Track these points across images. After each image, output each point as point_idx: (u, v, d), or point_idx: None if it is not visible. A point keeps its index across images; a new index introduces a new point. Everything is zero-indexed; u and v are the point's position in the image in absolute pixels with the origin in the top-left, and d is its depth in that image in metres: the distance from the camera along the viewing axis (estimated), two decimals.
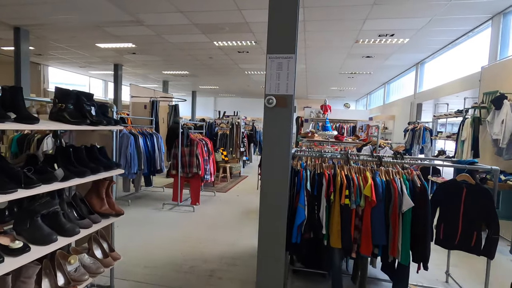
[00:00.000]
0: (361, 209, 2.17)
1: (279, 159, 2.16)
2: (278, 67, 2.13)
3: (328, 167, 2.39)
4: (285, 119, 2.13)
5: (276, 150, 2.16)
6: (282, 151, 2.15)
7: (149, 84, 14.00)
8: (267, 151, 2.18)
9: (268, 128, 2.17)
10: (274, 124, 2.15)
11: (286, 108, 2.13)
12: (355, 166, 2.38)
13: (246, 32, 6.41)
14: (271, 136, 2.17)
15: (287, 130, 2.13)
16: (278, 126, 2.15)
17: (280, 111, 2.14)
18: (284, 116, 2.13)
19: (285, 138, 2.14)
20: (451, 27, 5.76)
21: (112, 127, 1.90)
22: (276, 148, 2.16)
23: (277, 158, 2.16)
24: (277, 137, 2.15)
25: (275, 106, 2.14)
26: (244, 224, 4.23)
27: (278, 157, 2.16)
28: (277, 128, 2.15)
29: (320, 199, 2.23)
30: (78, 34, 7.04)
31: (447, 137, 5.61)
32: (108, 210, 1.89)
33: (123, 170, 2.01)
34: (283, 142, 2.14)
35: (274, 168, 2.17)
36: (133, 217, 4.33)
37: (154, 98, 7.87)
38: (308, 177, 2.27)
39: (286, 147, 2.14)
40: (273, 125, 2.15)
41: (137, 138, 4.99)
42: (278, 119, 2.14)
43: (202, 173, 4.96)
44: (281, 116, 2.14)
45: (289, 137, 2.14)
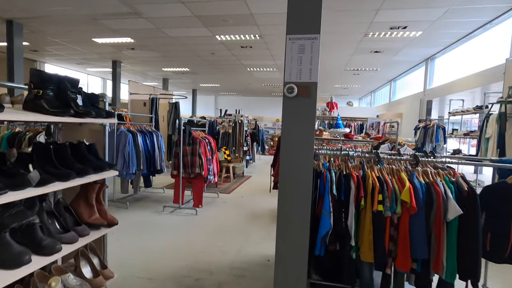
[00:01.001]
0: (397, 217, 1.85)
1: (300, 159, 1.84)
2: (299, 50, 1.81)
3: (356, 168, 2.07)
4: (308, 112, 1.81)
5: (297, 148, 1.84)
6: (304, 150, 1.83)
7: (148, 82, 13.67)
8: (285, 149, 1.86)
9: (287, 122, 1.85)
10: (295, 117, 1.83)
11: (310, 99, 1.81)
12: (386, 166, 2.06)
13: (251, 25, 6.09)
14: (291, 132, 1.85)
15: (310, 125, 1.81)
16: (299, 119, 1.83)
17: (302, 102, 1.82)
18: (307, 108, 1.81)
19: (307, 134, 1.82)
20: (467, 18, 5.43)
21: (104, 120, 1.58)
22: (296, 146, 1.84)
23: (298, 158, 1.84)
24: (298, 133, 1.83)
25: (296, 96, 1.81)
26: (250, 229, 3.91)
27: (299, 156, 1.84)
28: (299, 122, 1.83)
29: (348, 205, 1.91)
30: (75, 28, 6.71)
31: (464, 135, 5.29)
32: (98, 219, 1.57)
33: (117, 172, 1.69)
34: (305, 138, 1.82)
35: (294, 169, 1.85)
36: (131, 221, 4.01)
37: (153, 96, 7.55)
38: (333, 179, 1.95)
39: (309, 145, 1.82)
40: (294, 119, 1.83)
41: (136, 136, 4.67)
42: (300, 112, 1.82)
43: (205, 174, 4.64)
44: (303, 108, 1.82)
45: (312, 133, 1.83)
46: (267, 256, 3.11)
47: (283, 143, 1.87)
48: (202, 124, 7.93)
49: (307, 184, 1.85)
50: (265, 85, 13.96)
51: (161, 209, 4.54)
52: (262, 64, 9.68)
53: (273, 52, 8.20)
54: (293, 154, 1.85)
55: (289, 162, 1.86)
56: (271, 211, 4.75)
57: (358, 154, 2.16)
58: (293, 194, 1.88)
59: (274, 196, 5.83)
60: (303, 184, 1.85)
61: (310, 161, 1.83)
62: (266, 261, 2.98)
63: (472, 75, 6.16)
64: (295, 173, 1.86)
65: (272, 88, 15.00)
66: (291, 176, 1.87)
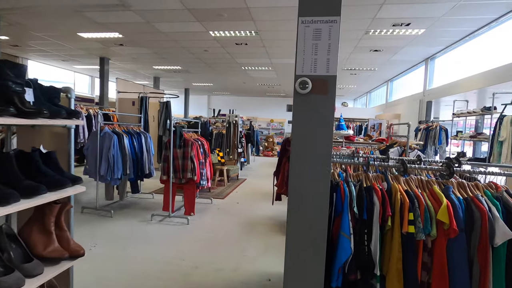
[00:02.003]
0: (432, 240, 1.53)
1: (315, 169, 1.50)
2: (314, 35, 1.47)
3: (377, 179, 1.75)
4: (325, 112, 1.48)
5: (311, 156, 1.50)
6: (320, 158, 1.49)
7: (139, 80, 13.19)
8: (297, 156, 1.52)
9: (299, 125, 1.51)
10: (309, 118, 1.49)
11: (327, 96, 1.47)
12: (414, 177, 1.74)
13: (247, 20, 5.74)
14: (303, 136, 1.51)
15: (328, 128, 1.48)
16: (314, 121, 1.49)
17: (318, 100, 1.48)
18: (324, 108, 1.48)
19: (324, 139, 1.48)
20: (474, 15, 5.19)
21: (64, 121, 1.21)
22: (311, 153, 1.50)
23: (313, 167, 1.50)
24: (312, 137, 1.50)
25: (311, 93, 1.48)
26: (248, 240, 3.56)
27: (314, 166, 1.50)
28: (313, 124, 1.49)
29: (372, 226, 1.58)
30: (58, 21, 6.25)
31: (471, 138, 5.03)
32: (57, 251, 1.20)
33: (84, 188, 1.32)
34: (321, 144, 1.49)
35: (307, 181, 1.52)
36: (115, 233, 3.61)
37: (143, 94, 7.14)
38: (353, 193, 1.61)
39: (326, 152, 1.49)
40: (307, 120, 1.49)
41: (122, 138, 4.27)
42: (315, 112, 1.49)
43: (197, 179, 4.27)
44: (319, 107, 1.48)
45: (330, 138, 1.49)
46: (267, 274, 2.77)
47: (294, 150, 1.53)
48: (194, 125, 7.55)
49: (323, 200, 1.51)
50: (260, 84, 13.62)
51: (149, 218, 4.16)
52: (257, 62, 9.34)
53: (269, 50, 7.87)
54: (306, 163, 1.51)
55: (301, 173, 1.53)
56: (269, 219, 4.41)
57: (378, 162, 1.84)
58: (305, 212, 1.54)
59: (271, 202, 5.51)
60: (318, 200, 1.52)
61: (327, 171, 1.50)
62: (266, 281, 2.64)
63: (477, 75, 5.94)
64: (308, 186, 1.52)
65: (266, 88, 14.67)
66: (304, 189, 1.53)
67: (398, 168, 1.81)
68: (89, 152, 4.22)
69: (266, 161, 12.19)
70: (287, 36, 6.58)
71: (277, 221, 4.34)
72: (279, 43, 7.15)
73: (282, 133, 17.58)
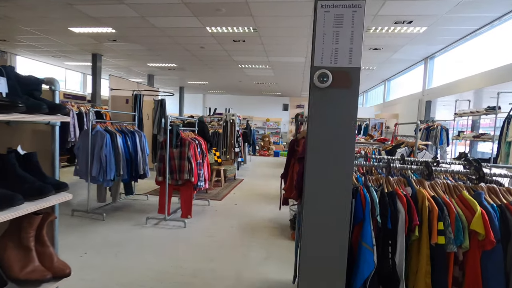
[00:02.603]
0: (463, 252, 1.37)
1: (336, 172, 1.33)
2: (336, 22, 1.30)
3: (400, 183, 1.59)
4: (347, 108, 1.31)
5: (331, 157, 1.33)
6: (342, 160, 1.32)
7: (133, 78, 12.89)
8: (314, 158, 1.35)
9: (316, 123, 1.34)
10: (329, 115, 1.32)
11: (349, 90, 1.30)
12: (440, 181, 1.58)
13: (245, 15, 5.55)
14: (322, 135, 1.34)
15: (351, 126, 1.31)
16: (335, 118, 1.32)
17: (339, 95, 1.31)
18: (346, 103, 1.31)
19: (347, 138, 1.32)
20: (478, 13, 5.09)
21: (45, 117, 1.02)
22: (330, 154, 1.33)
23: (333, 170, 1.33)
24: (333, 136, 1.33)
25: (331, 87, 1.31)
26: (248, 245, 3.39)
27: (334, 169, 1.33)
28: (334, 121, 1.32)
29: (397, 236, 1.42)
30: (47, 14, 5.98)
31: (474, 138, 4.93)
32: (38, 272, 1.01)
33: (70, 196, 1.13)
34: (343, 144, 1.32)
35: (326, 186, 1.35)
36: (107, 238, 3.40)
37: (137, 92, 6.91)
38: (374, 200, 1.45)
39: (348, 153, 1.32)
40: (327, 117, 1.32)
41: (115, 136, 4.05)
42: (336, 107, 1.32)
43: (195, 180, 4.08)
44: (340, 103, 1.31)
45: (352, 137, 1.32)
46: (271, 282, 2.60)
47: (310, 151, 1.36)
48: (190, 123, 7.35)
49: (344, 207, 1.35)
50: (256, 83, 13.44)
51: (144, 221, 3.95)
52: (255, 60, 9.16)
53: (267, 48, 7.69)
54: (325, 166, 1.34)
55: (319, 177, 1.36)
56: (269, 221, 4.24)
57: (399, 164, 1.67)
58: (324, 222, 1.37)
59: (271, 203, 5.35)
60: (339, 208, 1.35)
61: (348, 176, 1.33)
62: None
63: (479, 75, 5.85)
64: (327, 192, 1.35)
65: (263, 87, 14.50)
66: (322, 195, 1.36)
67: (421, 172, 1.65)
68: (80, 151, 3.99)
69: (263, 160, 12.03)
70: (286, 33, 6.42)
71: (277, 223, 4.17)
72: (277, 40, 6.98)
73: (278, 132, 17.44)
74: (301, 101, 17.39)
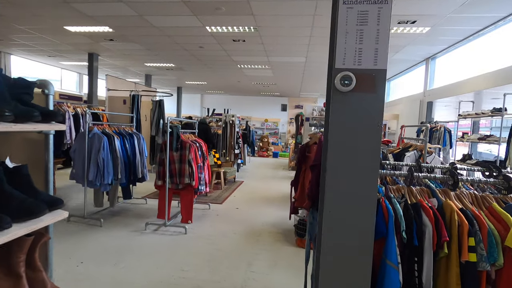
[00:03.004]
0: (496, 270, 1.26)
1: (358, 183, 1.22)
2: (360, 19, 1.18)
3: (423, 193, 1.47)
4: (372, 114, 1.19)
5: (353, 167, 1.22)
6: (366, 170, 1.21)
7: (130, 78, 12.71)
8: (333, 167, 1.24)
9: (338, 129, 1.22)
10: (351, 121, 1.21)
11: (375, 95, 1.19)
12: (466, 192, 1.47)
13: (246, 14, 5.43)
14: (343, 144, 1.22)
15: (376, 133, 1.19)
16: (358, 125, 1.21)
17: (363, 100, 1.20)
18: (371, 109, 1.19)
19: (371, 146, 1.20)
20: (483, 13, 5.01)
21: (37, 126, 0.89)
22: (352, 164, 1.22)
23: (355, 181, 1.22)
24: (356, 145, 1.21)
25: (354, 91, 1.19)
26: (253, 252, 3.27)
27: (356, 179, 1.22)
28: (357, 128, 1.21)
29: (423, 253, 1.30)
30: (42, 13, 5.82)
31: (479, 140, 4.85)
32: None
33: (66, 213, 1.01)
34: (367, 153, 1.20)
35: (347, 197, 1.23)
36: (105, 246, 3.26)
37: (135, 92, 6.77)
38: (398, 213, 1.34)
39: (373, 163, 1.20)
40: (349, 124, 1.21)
41: (113, 139, 3.91)
42: (359, 114, 1.20)
43: (196, 184, 3.95)
44: (364, 109, 1.20)
45: (378, 146, 1.21)
46: None
47: (330, 161, 1.24)
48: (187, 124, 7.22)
49: (368, 222, 1.23)
50: (255, 83, 13.32)
51: (143, 227, 3.82)
52: (254, 60, 9.03)
53: (267, 48, 7.58)
54: (347, 176, 1.23)
55: (340, 188, 1.24)
56: (273, 226, 4.13)
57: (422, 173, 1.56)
58: (344, 238, 1.25)
59: (272, 206, 5.23)
60: (362, 223, 1.23)
61: (373, 188, 1.22)
62: None
63: (482, 76, 5.78)
64: (348, 205, 1.24)
65: (261, 87, 14.38)
66: (342, 208, 1.24)
67: (444, 181, 1.54)
68: (76, 155, 3.85)
69: (262, 161, 11.91)
70: (287, 32, 6.31)
71: (280, 228, 4.06)
72: (278, 40, 6.87)
73: (277, 132, 17.34)
74: (300, 101, 17.29)
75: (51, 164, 1.07)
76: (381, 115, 1.20)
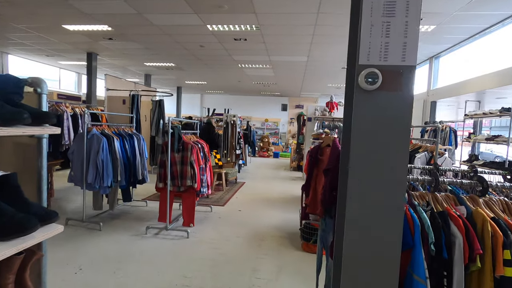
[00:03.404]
0: None
1: (384, 190, 1.11)
2: (386, 10, 1.07)
3: (449, 200, 1.36)
4: (400, 116, 1.08)
5: (379, 175, 1.11)
6: (392, 178, 1.10)
7: (129, 78, 12.58)
8: (357, 173, 1.12)
9: (360, 130, 1.11)
10: (376, 122, 1.10)
11: (403, 94, 1.08)
12: (495, 199, 1.36)
13: (248, 12, 5.32)
14: (367, 147, 1.11)
15: (405, 136, 1.08)
16: (384, 127, 1.09)
17: (391, 100, 1.08)
18: (399, 109, 1.08)
19: (399, 150, 1.09)
20: (491, 10, 4.91)
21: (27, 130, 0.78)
22: (378, 171, 1.11)
23: (381, 188, 1.11)
24: (381, 148, 1.10)
25: (380, 89, 1.08)
26: (257, 257, 3.15)
27: (382, 187, 1.11)
28: (383, 130, 1.09)
29: (453, 266, 1.19)
30: (39, 11, 5.69)
31: (487, 140, 4.75)
32: None
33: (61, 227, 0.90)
34: (394, 158, 1.09)
35: (372, 207, 1.12)
36: (104, 251, 3.15)
37: (134, 92, 6.66)
38: (425, 222, 1.23)
39: (400, 169, 1.09)
40: (374, 125, 1.10)
41: (112, 140, 3.80)
42: (386, 115, 1.09)
43: (198, 186, 3.84)
44: (391, 109, 1.09)
45: (406, 150, 1.10)
46: None
47: (353, 164, 1.13)
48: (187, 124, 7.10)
49: (395, 234, 1.12)
50: (255, 83, 13.20)
51: (144, 231, 3.70)
52: (255, 60, 8.92)
53: (269, 47, 7.46)
54: (372, 185, 1.11)
55: (365, 196, 1.13)
56: (277, 230, 4.02)
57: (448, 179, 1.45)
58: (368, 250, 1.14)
59: (275, 208, 5.12)
60: (388, 234, 1.12)
61: (400, 196, 1.11)
62: None
63: (488, 75, 5.68)
64: (373, 214, 1.13)
65: (262, 87, 14.27)
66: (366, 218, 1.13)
67: (471, 187, 1.43)
68: (75, 156, 3.73)
69: (262, 162, 11.81)
70: (290, 31, 6.20)
71: (284, 232, 3.95)
72: (280, 38, 6.76)
73: (277, 132, 17.23)
74: (300, 101, 17.19)
75: (44, 171, 0.95)
76: (409, 116, 1.09)
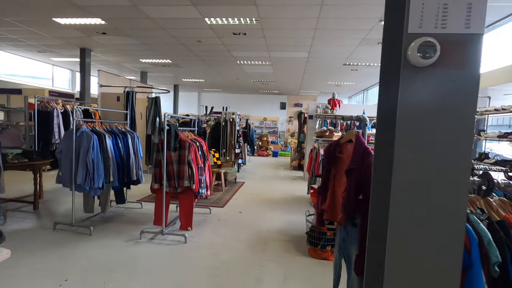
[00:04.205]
0: None
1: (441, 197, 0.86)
2: None
3: (505, 206, 1.12)
4: (463, 101, 0.84)
5: (434, 176, 0.86)
6: (452, 179, 0.85)
7: (125, 75, 12.27)
8: (404, 176, 0.88)
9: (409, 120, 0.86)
10: (432, 111, 0.85)
11: (466, 72, 0.83)
12: None
13: (249, 4, 5.06)
14: (418, 142, 0.86)
15: (468, 129, 0.84)
16: (441, 117, 0.85)
17: (451, 79, 0.84)
18: (462, 94, 0.84)
19: (460, 145, 0.84)
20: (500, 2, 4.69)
21: None
22: (434, 172, 0.86)
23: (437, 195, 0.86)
24: (436, 145, 0.85)
25: (436, 65, 0.83)
26: (261, 264, 2.91)
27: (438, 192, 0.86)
28: (440, 121, 0.85)
29: None
30: (29, 3, 5.39)
31: (499, 138, 4.55)
32: None
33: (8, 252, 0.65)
34: (455, 157, 0.85)
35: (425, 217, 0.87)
36: (94, 259, 2.88)
37: (129, 89, 6.38)
38: (484, 236, 0.98)
39: (464, 171, 0.85)
40: (428, 115, 0.85)
41: (103, 138, 3.53)
42: (443, 101, 0.84)
43: (196, 187, 3.58)
44: (452, 93, 0.84)
45: (470, 147, 0.85)
46: None
47: (399, 161, 0.88)
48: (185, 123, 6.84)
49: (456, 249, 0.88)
50: (254, 81, 12.95)
51: (138, 235, 3.43)
52: (255, 56, 8.66)
53: (269, 42, 7.21)
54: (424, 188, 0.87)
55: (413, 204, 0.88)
56: (280, 233, 3.77)
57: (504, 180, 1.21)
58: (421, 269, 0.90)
59: (276, 210, 4.86)
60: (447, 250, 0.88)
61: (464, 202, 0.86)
62: None
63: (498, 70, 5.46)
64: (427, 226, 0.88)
65: (261, 85, 14.02)
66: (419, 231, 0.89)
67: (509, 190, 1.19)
68: (63, 156, 3.46)
69: (262, 161, 11.57)
70: (291, 25, 5.95)
71: (288, 235, 3.70)
72: (281, 33, 6.50)
73: (276, 131, 16.99)
74: (299, 99, 16.96)
75: None
76: (474, 102, 0.85)
